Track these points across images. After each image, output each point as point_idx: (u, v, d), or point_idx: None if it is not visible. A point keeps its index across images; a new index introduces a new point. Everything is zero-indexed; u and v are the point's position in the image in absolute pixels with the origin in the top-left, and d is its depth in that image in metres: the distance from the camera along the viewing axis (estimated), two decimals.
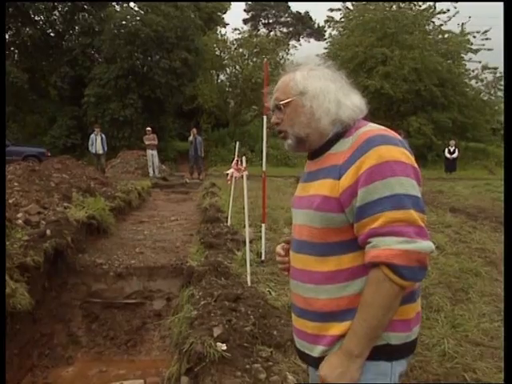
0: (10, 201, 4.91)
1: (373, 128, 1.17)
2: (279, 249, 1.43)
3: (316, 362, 1.21)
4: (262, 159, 4.28)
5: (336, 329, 1.16)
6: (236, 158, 4.28)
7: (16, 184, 5.40)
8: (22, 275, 3.91)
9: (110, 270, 5.08)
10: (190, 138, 14.96)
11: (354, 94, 1.25)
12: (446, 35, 20.47)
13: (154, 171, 13.90)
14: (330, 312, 1.17)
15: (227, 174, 4.56)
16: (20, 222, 4.53)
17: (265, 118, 4.07)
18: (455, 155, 16.81)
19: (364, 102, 1.25)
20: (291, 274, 1.31)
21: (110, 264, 5.16)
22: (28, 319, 4.31)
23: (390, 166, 1.07)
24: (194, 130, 15.18)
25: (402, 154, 1.11)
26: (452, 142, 16.99)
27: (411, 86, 19.14)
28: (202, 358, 2.30)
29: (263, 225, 4.26)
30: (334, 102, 1.21)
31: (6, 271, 1.52)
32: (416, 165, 1.14)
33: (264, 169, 4.25)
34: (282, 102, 1.25)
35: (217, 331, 2.48)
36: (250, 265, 3.48)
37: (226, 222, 5.63)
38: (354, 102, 1.23)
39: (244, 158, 3.79)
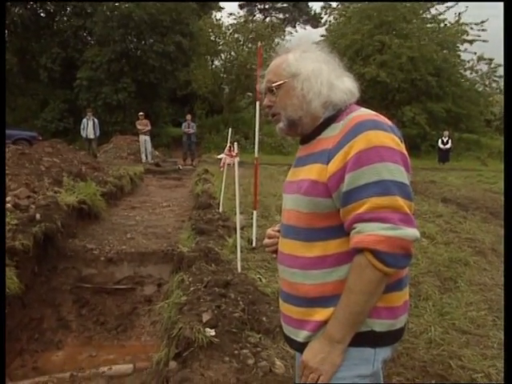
0: None
1: (363, 113, 1.16)
2: (269, 231, 1.43)
3: (301, 347, 1.21)
4: (254, 146, 4.26)
5: (320, 314, 1.16)
6: (229, 144, 4.25)
7: (5, 167, 5.32)
8: (11, 259, 3.89)
9: (100, 255, 5.07)
10: (184, 123, 14.86)
11: (347, 78, 1.24)
12: (442, 24, 20.35)
13: (146, 157, 13.81)
14: (315, 297, 1.17)
15: (219, 160, 4.53)
16: (9, 205, 4.48)
17: (258, 103, 4.03)
18: (448, 146, 16.89)
19: (356, 86, 1.24)
20: (278, 259, 1.30)
21: (100, 249, 5.14)
22: (17, 303, 4.29)
23: (378, 152, 1.06)
24: (188, 116, 15.07)
25: (391, 139, 1.10)
26: (446, 133, 17.04)
27: (407, 75, 19.07)
28: (190, 343, 2.31)
29: (255, 212, 4.25)
30: (326, 84, 1.19)
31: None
32: (405, 151, 1.13)
33: (256, 155, 4.22)
34: (274, 85, 1.23)
35: (206, 317, 2.48)
36: (241, 251, 3.48)
37: (218, 208, 5.62)
38: (346, 86, 1.21)
39: (236, 143, 3.77)
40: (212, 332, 2.36)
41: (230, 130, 4.95)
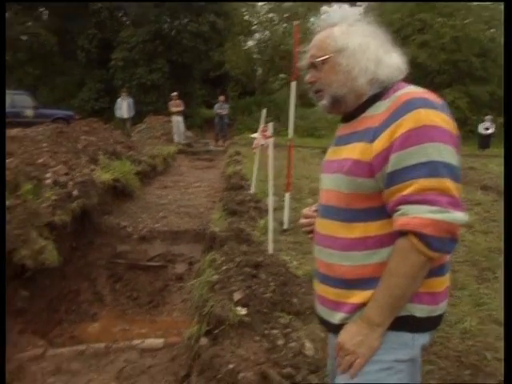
0: (40, 161, 5.02)
1: (412, 90, 1.11)
2: (305, 211, 1.40)
3: (336, 329, 1.20)
4: (288, 128, 4.20)
5: (358, 297, 1.14)
6: (263, 125, 4.21)
7: (45, 145, 5.52)
8: (51, 233, 4.05)
9: (134, 232, 5.21)
10: (217, 105, 14.87)
11: (395, 53, 1.18)
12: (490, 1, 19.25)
13: (179, 137, 13.94)
14: (353, 279, 1.15)
15: (253, 140, 4.50)
16: (49, 181, 4.65)
17: (293, 83, 3.96)
18: (490, 131, 16.12)
19: (405, 62, 1.18)
20: (315, 239, 1.28)
21: (134, 227, 5.28)
22: (56, 275, 4.49)
23: (428, 131, 1.01)
24: (221, 97, 15.06)
25: (442, 119, 1.04)
26: (488, 118, 16.26)
27: (449, 55, 18.23)
28: (221, 321, 2.34)
29: (287, 194, 4.22)
30: (373, 60, 1.14)
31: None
32: (456, 132, 1.08)
33: (290, 136, 4.17)
34: (318, 60, 1.19)
35: (237, 296, 2.51)
36: (273, 233, 3.48)
37: (250, 190, 5.63)
38: (394, 62, 1.16)
39: (271, 124, 3.72)
40: (243, 311, 2.38)
41: (265, 110, 4.89)
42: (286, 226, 4.17)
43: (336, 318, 1.20)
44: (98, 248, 5.16)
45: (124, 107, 13.43)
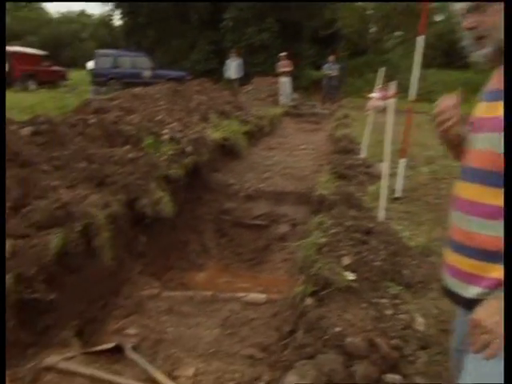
0: (158, 118, 5.40)
1: None
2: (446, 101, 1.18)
3: (468, 304, 1.10)
4: (410, 89, 3.88)
5: (500, 272, 1.02)
6: (381, 85, 3.95)
7: (162, 103, 5.90)
8: (167, 185, 4.38)
9: (240, 190, 5.41)
10: (326, 65, 14.39)
11: None
12: None
13: (285, 99, 13.89)
14: (496, 251, 1.03)
15: (369, 99, 4.27)
16: (165, 137, 4.99)
17: (420, 38, 3.61)
18: None
19: None
20: (455, 204, 1.17)
21: (240, 185, 5.48)
22: (169, 225, 4.89)
23: None
24: (331, 57, 14.50)
25: None
26: None
27: None
28: (329, 283, 2.33)
29: (402, 160, 3.97)
30: None
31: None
32: None
33: (412, 98, 3.86)
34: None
35: (346, 260, 2.47)
36: (385, 200, 3.32)
37: (360, 154, 5.42)
38: None
39: (394, 82, 3.47)
40: (352, 276, 2.34)
41: (383, 69, 4.57)
42: (398, 194, 3.96)
43: (470, 291, 1.10)
44: (206, 203, 5.47)
45: (233, 68, 13.72)
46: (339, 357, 1.82)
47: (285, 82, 13.80)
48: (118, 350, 2.71)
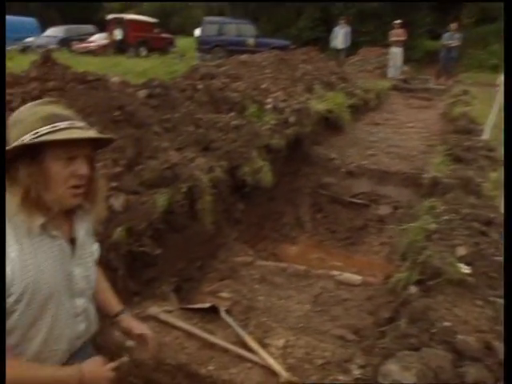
0: (262, 86, 5.41)
1: None
2: None
3: None
4: None
5: None
6: None
7: (268, 71, 5.89)
8: (267, 155, 4.41)
9: (341, 166, 5.26)
10: (446, 34, 13.12)
11: None
12: None
13: (394, 72, 13.06)
14: None
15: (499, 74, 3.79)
16: (269, 106, 5.00)
17: None
18: None
19: None
20: None
21: (342, 160, 5.32)
22: (266, 196, 4.96)
23: None
24: (453, 25, 13.15)
25: None
26: None
27: None
28: (439, 273, 2.16)
29: None
30: None
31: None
32: None
33: None
34: None
35: (461, 251, 2.26)
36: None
37: (481, 135, 4.91)
38: None
39: None
40: (467, 269, 2.15)
41: None
42: None
43: None
44: (304, 176, 5.43)
45: (340, 37, 13.19)
46: (448, 354, 1.69)
47: (396, 53, 12.93)
48: (212, 311, 2.85)
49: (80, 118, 1.18)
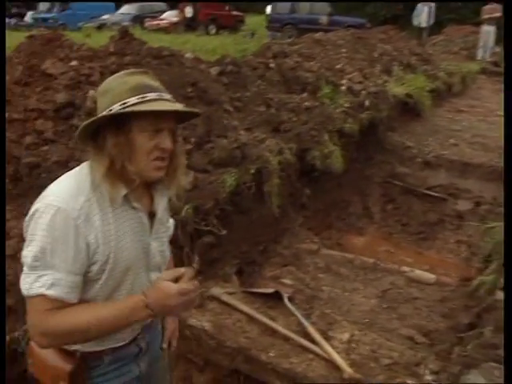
0: (337, 66, 5.24)
1: None
2: None
3: None
4: None
5: None
6: None
7: (343, 50, 5.69)
8: (339, 140, 4.28)
9: (418, 155, 4.99)
10: None
11: None
12: None
13: (484, 53, 12.09)
14: None
15: None
16: (343, 88, 4.83)
17: None
18: None
19: None
20: None
21: (419, 149, 5.05)
22: (334, 182, 4.84)
23: None
24: None
25: None
26: None
27: None
28: None
29: None
30: None
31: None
32: None
33: None
34: None
35: None
36: None
37: None
38: None
39: None
40: None
41: None
42: None
43: None
44: (376, 164, 5.23)
45: (424, 14, 12.41)
46: None
47: (488, 32, 11.93)
48: (275, 297, 2.84)
49: (166, 90, 1.18)
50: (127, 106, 1.08)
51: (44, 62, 2.77)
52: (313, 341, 2.45)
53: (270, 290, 2.85)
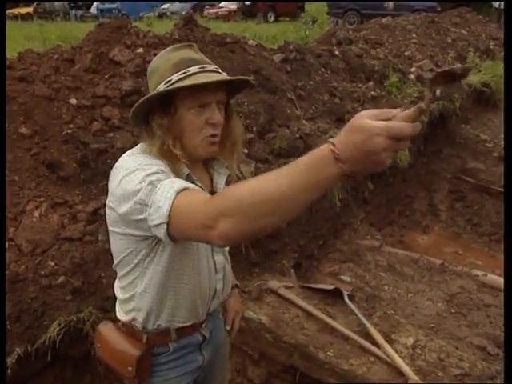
0: (406, 53, 5.01)
1: None
2: None
3: None
4: None
5: None
6: None
7: (414, 36, 5.43)
8: None
9: (493, 149, 4.69)
10: None
11: None
12: None
13: None
14: None
15: None
16: (412, 76, 4.61)
17: None
18: None
19: None
20: None
21: (495, 143, 4.74)
22: (398, 176, 4.67)
23: None
24: None
25: None
26: None
27: None
28: None
29: None
30: None
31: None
32: None
33: None
34: None
35: None
36: None
37: None
38: None
39: None
40: None
41: None
42: None
43: None
44: (445, 158, 4.97)
45: None
46: None
47: None
48: (334, 294, 2.78)
49: (212, 62, 1.14)
50: (171, 84, 1.06)
51: (112, 50, 2.86)
52: (374, 343, 2.37)
53: (330, 287, 2.79)
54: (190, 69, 1.06)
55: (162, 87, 1.06)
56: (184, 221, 0.91)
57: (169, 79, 1.06)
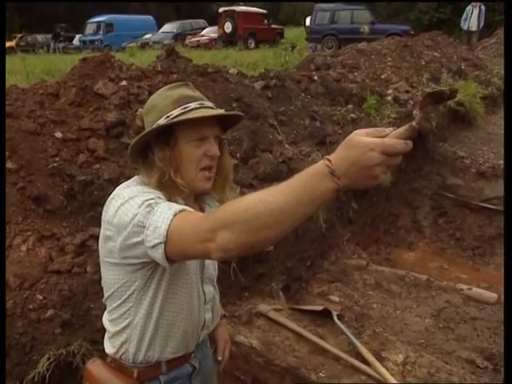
0: (382, 76, 5.18)
1: None
2: None
3: None
4: None
5: None
6: None
7: (389, 59, 5.62)
8: None
9: (471, 165, 4.82)
10: None
11: None
12: None
13: None
14: None
15: None
16: (389, 98, 4.76)
17: None
18: None
19: None
20: None
21: (472, 159, 4.88)
22: (381, 195, 4.75)
23: None
24: None
25: None
26: None
27: None
28: None
29: None
30: None
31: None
32: None
33: None
34: None
35: None
36: None
37: None
38: None
39: None
40: None
41: None
42: None
43: None
44: (426, 176, 5.09)
45: (474, 17, 12.06)
46: None
47: None
48: (323, 315, 2.81)
49: (207, 99, 1.21)
50: (171, 119, 1.12)
51: (96, 83, 2.92)
52: (365, 361, 2.39)
53: (319, 308, 2.82)
54: (189, 104, 1.14)
55: (162, 121, 1.13)
56: (182, 238, 0.94)
57: (169, 114, 1.13)
